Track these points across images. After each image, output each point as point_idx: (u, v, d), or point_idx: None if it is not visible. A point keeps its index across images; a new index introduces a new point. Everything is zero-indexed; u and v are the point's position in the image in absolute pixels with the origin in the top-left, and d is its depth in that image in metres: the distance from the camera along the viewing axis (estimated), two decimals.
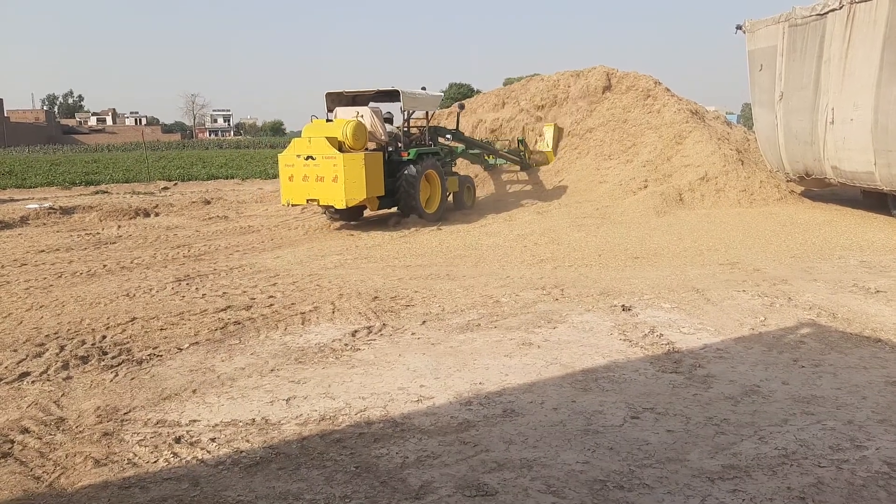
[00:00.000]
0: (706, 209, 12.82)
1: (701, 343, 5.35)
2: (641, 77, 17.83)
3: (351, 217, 12.75)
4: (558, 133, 17.08)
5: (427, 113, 13.55)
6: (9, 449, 3.79)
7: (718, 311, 6.24)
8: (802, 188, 13.89)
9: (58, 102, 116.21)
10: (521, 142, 16.41)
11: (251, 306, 6.72)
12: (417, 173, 12.00)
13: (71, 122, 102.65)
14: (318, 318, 6.32)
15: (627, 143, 16.15)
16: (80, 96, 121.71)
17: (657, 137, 15.74)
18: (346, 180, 11.09)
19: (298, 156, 11.51)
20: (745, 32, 13.50)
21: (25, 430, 4.01)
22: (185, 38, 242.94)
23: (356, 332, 5.83)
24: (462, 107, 16.05)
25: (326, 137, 11.29)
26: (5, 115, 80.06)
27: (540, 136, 17.07)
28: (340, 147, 11.33)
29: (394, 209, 12.72)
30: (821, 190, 13.65)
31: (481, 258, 9.08)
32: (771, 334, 5.52)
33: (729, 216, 11.97)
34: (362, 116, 12.05)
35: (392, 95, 12.70)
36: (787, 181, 13.64)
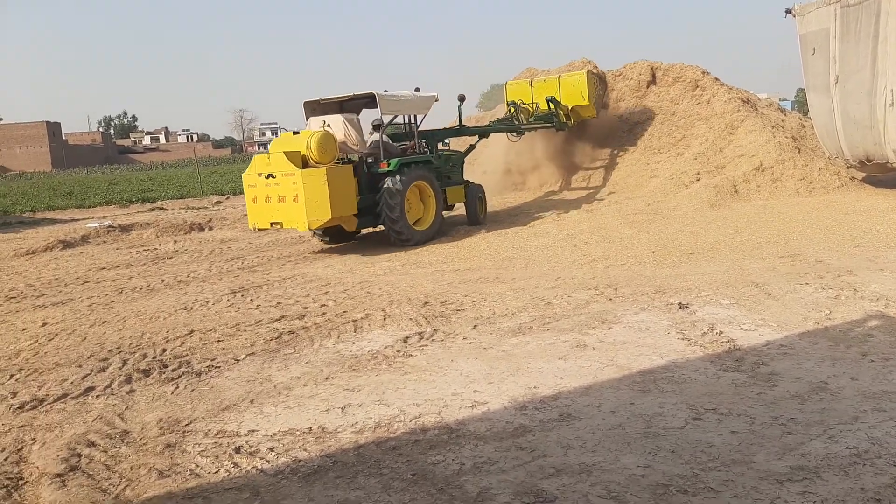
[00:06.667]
0: (763, 200, 12.45)
1: (763, 339, 5.17)
2: (688, 68, 17.46)
3: (342, 238, 11.54)
4: (595, 82, 15.56)
5: (415, 117, 11.70)
6: (76, 462, 3.90)
7: (780, 305, 6.03)
8: (864, 174, 13.37)
9: (113, 124, 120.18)
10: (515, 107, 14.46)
11: (304, 315, 6.80)
12: (402, 186, 10.54)
13: (126, 143, 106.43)
14: (369, 325, 6.35)
15: (677, 135, 15.84)
16: (133, 116, 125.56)
17: (708, 129, 15.38)
18: (308, 199, 9.60)
19: (260, 174, 10.07)
20: (794, 16, 13.08)
21: (92, 444, 4.13)
22: (233, 55, 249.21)
23: (408, 338, 5.83)
24: (462, 99, 13.41)
25: (286, 153, 9.79)
26: (63, 137, 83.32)
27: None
28: (306, 162, 9.88)
29: (380, 228, 11.26)
30: (883, 175, 13.12)
31: (531, 260, 8.99)
32: (837, 328, 5.31)
33: (787, 206, 11.61)
34: (329, 126, 10.55)
35: (368, 100, 11.15)
36: (848, 167, 13.14)
